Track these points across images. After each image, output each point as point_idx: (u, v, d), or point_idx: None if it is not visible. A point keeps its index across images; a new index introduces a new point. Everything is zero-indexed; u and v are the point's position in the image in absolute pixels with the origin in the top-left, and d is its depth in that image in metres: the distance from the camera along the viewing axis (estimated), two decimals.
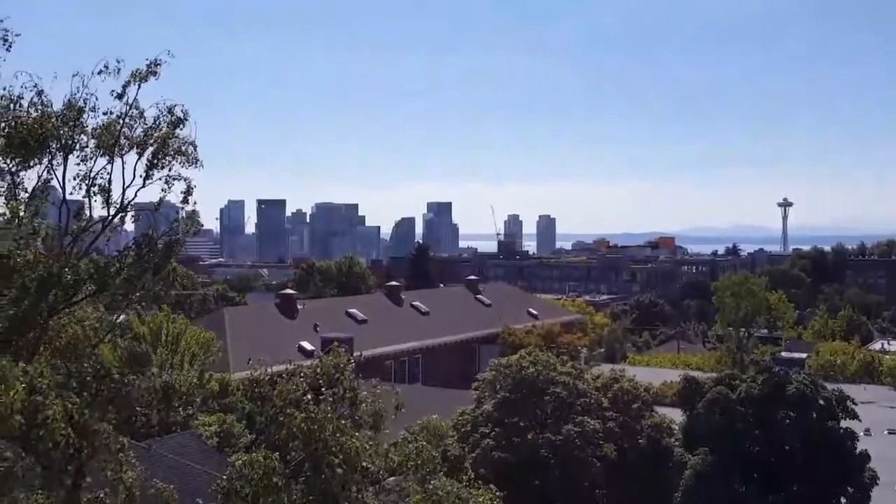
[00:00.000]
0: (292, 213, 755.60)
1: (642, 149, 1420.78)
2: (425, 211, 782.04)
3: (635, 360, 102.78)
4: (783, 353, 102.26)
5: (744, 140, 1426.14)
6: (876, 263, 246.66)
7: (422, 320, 75.73)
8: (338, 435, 16.67)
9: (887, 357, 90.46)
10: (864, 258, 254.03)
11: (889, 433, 60.45)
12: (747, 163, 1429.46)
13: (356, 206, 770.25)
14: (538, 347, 52.29)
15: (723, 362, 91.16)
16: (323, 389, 18.10)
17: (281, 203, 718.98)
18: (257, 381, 19.01)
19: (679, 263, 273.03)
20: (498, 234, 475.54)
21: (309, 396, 17.63)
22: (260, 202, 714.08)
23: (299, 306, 67.64)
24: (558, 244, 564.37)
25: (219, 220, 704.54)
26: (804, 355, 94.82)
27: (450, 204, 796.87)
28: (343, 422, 17.20)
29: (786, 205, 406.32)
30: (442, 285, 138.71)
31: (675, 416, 40.32)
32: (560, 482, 34.26)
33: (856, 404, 38.22)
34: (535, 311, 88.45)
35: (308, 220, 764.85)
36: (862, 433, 42.43)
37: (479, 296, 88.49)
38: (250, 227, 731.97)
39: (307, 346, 58.38)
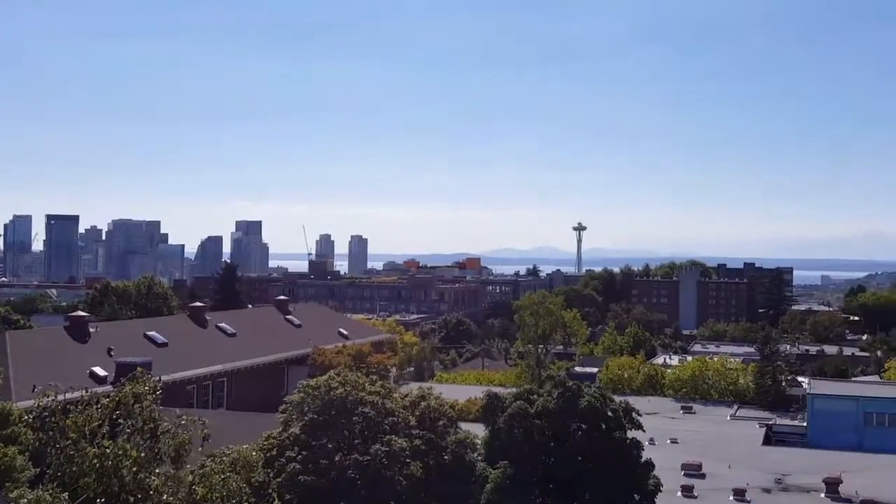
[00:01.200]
0: (86, 230, 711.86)
1: (448, 174, 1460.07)
2: (234, 229, 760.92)
3: (443, 378, 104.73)
4: (577, 368, 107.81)
5: (542, 167, 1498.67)
6: (659, 284, 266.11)
7: (228, 342, 73.64)
8: (135, 470, 15.97)
9: (669, 371, 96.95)
10: (649, 279, 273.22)
11: (671, 442, 65.10)
12: (546, 188, 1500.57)
13: (158, 223, 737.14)
14: (348, 367, 52.33)
15: (523, 378, 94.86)
16: (120, 421, 17.32)
17: (73, 219, 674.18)
18: (47, 410, 17.92)
19: (484, 283, 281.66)
20: (309, 254, 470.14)
21: (105, 429, 16.82)
22: (49, 217, 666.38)
23: (91, 329, 63.74)
24: (370, 264, 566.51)
25: (2, 237, 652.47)
26: (595, 370, 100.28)
27: (259, 223, 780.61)
28: (141, 455, 16.50)
29: (580, 229, 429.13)
30: (251, 306, 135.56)
31: (480, 431, 41.64)
32: (366, 503, 34.44)
33: (640, 415, 40.99)
34: (345, 331, 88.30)
35: (104, 238, 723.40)
36: (647, 443, 45.65)
37: (288, 316, 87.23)
38: (38, 245, 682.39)
39: (100, 371, 55.30)
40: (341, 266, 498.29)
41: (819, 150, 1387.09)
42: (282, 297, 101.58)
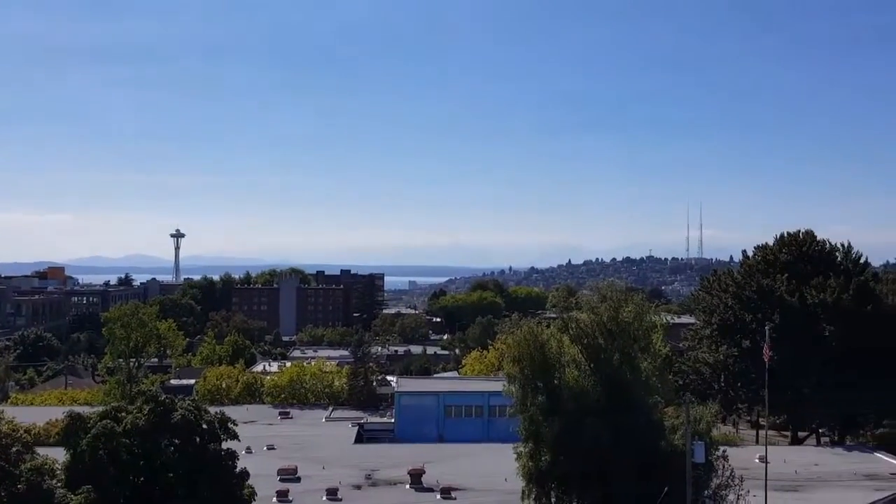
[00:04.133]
0: None
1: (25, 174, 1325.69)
2: None
3: (18, 400, 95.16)
4: (173, 381, 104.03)
5: (133, 169, 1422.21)
6: (260, 291, 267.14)
7: None
8: None
9: (268, 378, 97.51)
10: (250, 286, 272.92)
11: (268, 449, 65.37)
12: (140, 192, 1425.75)
13: None
14: None
15: (112, 395, 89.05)
16: None
17: None
18: None
19: (69, 295, 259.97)
20: None
21: None
22: None
23: None
24: None
25: None
26: (192, 381, 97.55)
27: None
28: None
29: (178, 236, 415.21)
30: None
31: (62, 455, 38.01)
32: None
33: (237, 425, 40.48)
34: None
35: None
36: (244, 452, 45.25)
37: None
38: None
39: None
40: None
41: (400, 167, 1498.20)
42: None
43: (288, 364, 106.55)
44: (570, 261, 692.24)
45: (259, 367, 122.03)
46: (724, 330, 78.25)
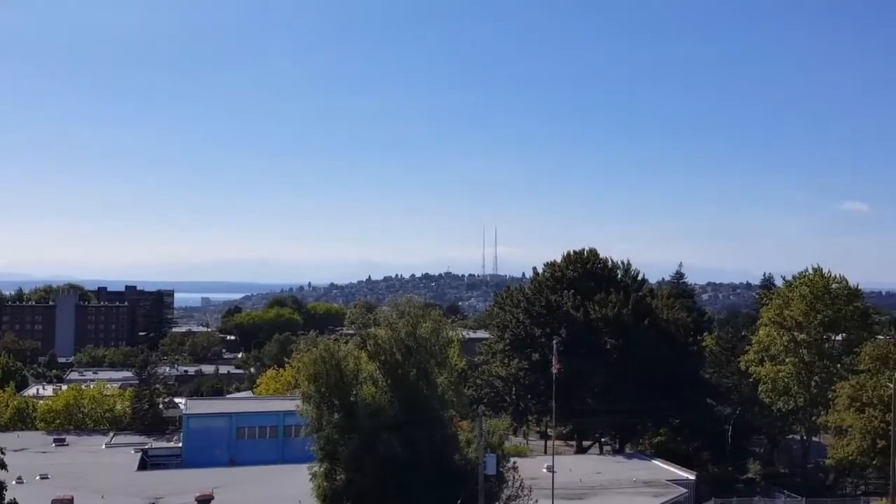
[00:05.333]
0: None
1: None
2: None
3: None
4: None
5: None
6: (33, 309, 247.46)
7: None
8: None
9: (41, 402, 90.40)
10: (22, 304, 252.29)
11: (41, 478, 60.12)
12: None
13: None
14: None
15: None
16: None
17: None
18: None
19: None
20: None
21: None
22: None
23: None
24: None
25: None
26: None
27: None
28: None
29: None
30: None
31: None
32: None
33: (4, 453, 36.83)
34: None
35: None
36: (14, 482, 41.28)
37: None
38: None
39: None
40: None
41: (193, 178, 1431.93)
42: None
43: (64, 387, 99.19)
44: (370, 277, 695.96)
45: (32, 391, 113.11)
46: (516, 344, 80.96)
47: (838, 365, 73.34)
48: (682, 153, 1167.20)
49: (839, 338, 77.37)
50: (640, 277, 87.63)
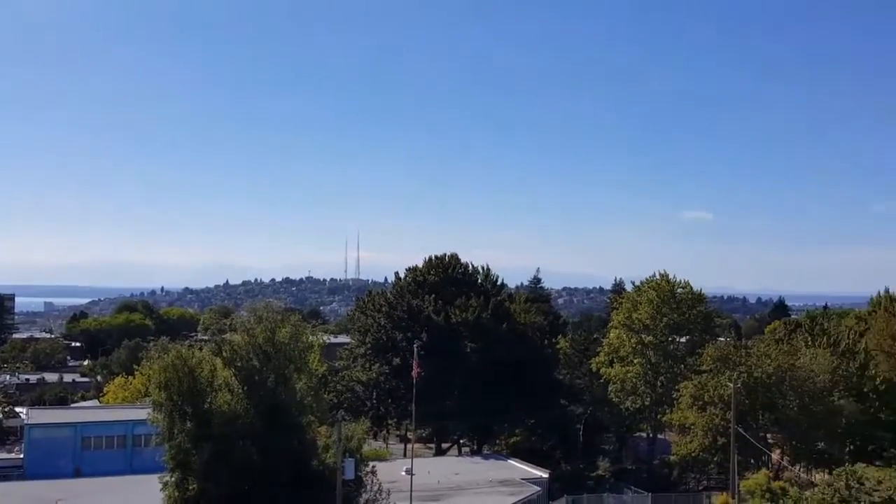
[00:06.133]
0: None
1: None
2: None
3: None
4: None
5: None
6: None
7: None
8: None
9: None
10: None
11: None
12: None
13: None
14: None
15: None
16: None
17: None
18: None
19: None
20: None
21: None
22: None
23: None
24: None
25: None
26: None
27: None
28: None
29: None
30: None
31: None
32: None
33: None
34: None
35: None
36: None
37: None
38: None
39: None
40: None
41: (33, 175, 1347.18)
42: None
43: None
44: (227, 281, 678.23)
45: None
46: (378, 348, 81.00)
47: (682, 366, 77.25)
48: (539, 161, 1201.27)
49: (683, 340, 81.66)
50: (499, 282, 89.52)
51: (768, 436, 69.00)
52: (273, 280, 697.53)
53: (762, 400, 66.06)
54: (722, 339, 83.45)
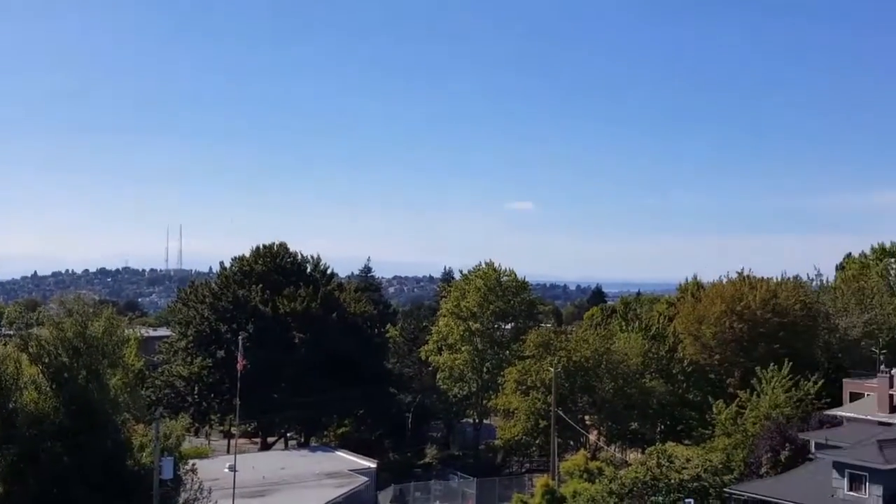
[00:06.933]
0: None
1: None
2: None
3: None
4: None
5: None
6: None
7: None
8: None
9: None
10: None
11: None
12: None
13: None
14: None
15: None
16: None
17: None
18: None
19: None
20: None
21: None
22: None
23: None
24: None
25: None
26: None
27: None
28: None
29: None
30: None
31: None
32: None
33: None
34: None
35: None
36: None
37: None
38: None
39: None
40: None
41: None
42: None
43: None
44: (36, 272, 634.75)
45: None
46: (200, 341, 78.22)
47: (507, 352, 79.59)
48: (372, 149, 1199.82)
49: (509, 326, 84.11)
50: (329, 272, 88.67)
51: (586, 417, 72.11)
52: (87, 271, 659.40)
53: (580, 383, 69.00)
54: (544, 325, 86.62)
